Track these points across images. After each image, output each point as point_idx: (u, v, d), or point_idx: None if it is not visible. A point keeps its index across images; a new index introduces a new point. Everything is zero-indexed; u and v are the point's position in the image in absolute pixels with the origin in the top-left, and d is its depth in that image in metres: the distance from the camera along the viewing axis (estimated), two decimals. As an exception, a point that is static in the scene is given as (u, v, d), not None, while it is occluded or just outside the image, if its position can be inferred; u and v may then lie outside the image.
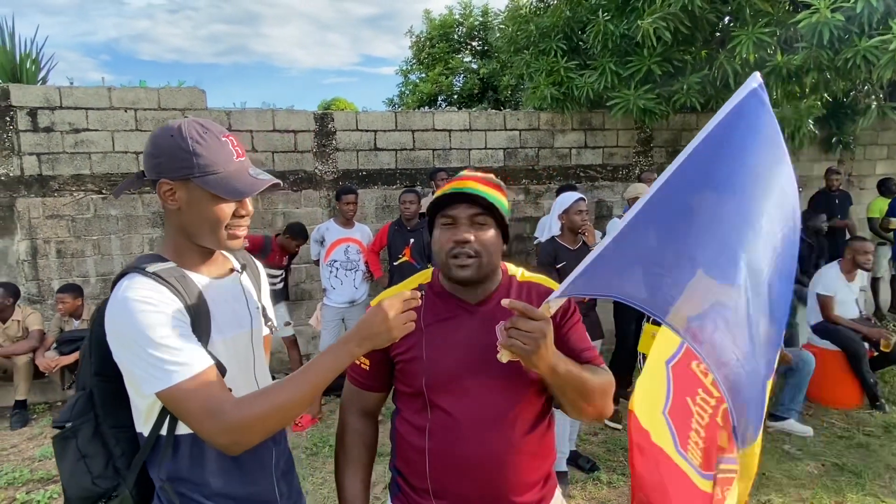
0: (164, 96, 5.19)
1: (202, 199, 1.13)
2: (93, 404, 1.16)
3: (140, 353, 1.03)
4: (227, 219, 1.15)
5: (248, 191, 1.14)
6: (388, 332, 1.14)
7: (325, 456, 3.79)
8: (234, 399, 1.06)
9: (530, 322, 1.10)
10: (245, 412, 1.03)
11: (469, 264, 1.26)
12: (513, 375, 1.26)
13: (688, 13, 4.76)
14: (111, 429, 1.16)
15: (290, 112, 5.55)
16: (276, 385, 1.11)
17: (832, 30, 4.07)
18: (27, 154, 4.89)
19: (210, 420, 1.03)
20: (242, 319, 1.26)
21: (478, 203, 1.27)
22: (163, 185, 1.13)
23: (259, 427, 1.05)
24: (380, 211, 5.77)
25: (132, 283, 1.08)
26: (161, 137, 1.13)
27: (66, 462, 1.16)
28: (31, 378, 4.55)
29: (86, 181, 5.05)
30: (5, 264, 4.94)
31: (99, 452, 1.15)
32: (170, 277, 1.11)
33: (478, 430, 1.25)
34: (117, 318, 1.06)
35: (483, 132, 6.00)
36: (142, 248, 5.25)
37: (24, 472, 3.60)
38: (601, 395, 1.26)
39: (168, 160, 1.11)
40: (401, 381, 1.34)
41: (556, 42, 5.93)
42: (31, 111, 4.88)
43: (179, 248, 1.18)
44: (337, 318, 4.62)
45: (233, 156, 1.15)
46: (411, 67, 14.34)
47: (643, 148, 6.49)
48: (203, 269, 1.21)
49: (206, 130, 1.14)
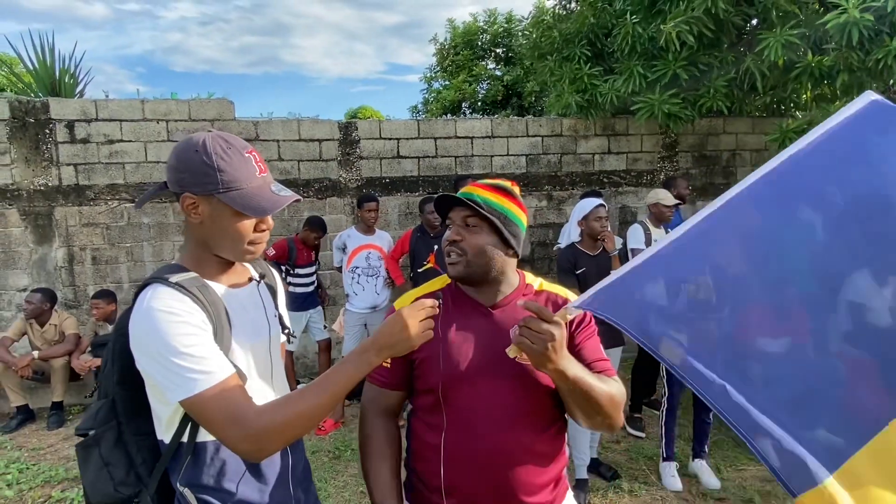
0: (195, 107, 5.35)
1: (224, 214, 1.15)
2: (115, 412, 1.18)
3: (164, 361, 1.05)
4: (248, 233, 1.17)
5: (270, 208, 1.16)
6: (408, 341, 1.14)
7: (348, 459, 3.84)
8: (256, 407, 1.08)
9: (542, 324, 1.13)
10: (267, 420, 1.05)
11: (456, 262, 1.33)
12: (525, 378, 1.30)
13: (711, 16, 4.71)
14: (133, 436, 1.18)
15: (315, 121, 5.66)
16: (297, 393, 1.12)
17: (861, 30, 3.98)
18: (65, 164, 5.09)
19: (232, 427, 1.04)
20: (261, 328, 1.28)
21: (469, 206, 1.32)
22: (186, 198, 1.14)
23: (281, 435, 1.06)
24: (402, 218, 5.83)
25: (156, 294, 1.09)
26: (185, 152, 1.14)
27: (90, 469, 1.18)
28: (68, 380, 4.72)
29: (120, 190, 5.23)
30: (44, 270, 5.14)
31: (121, 460, 1.17)
32: (192, 287, 1.12)
33: (490, 430, 1.28)
34: (142, 328, 1.08)
35: (505, 139, 6.01)
36: (172, 254, 5.40)
37: (60, 471, 3.74)
38: (610, 404, 1.26)
39: (192, 175, 1.13)
40: (417, 379, 1.38)
41: (580, 48, 5.92)
42: (68, 123, 5.08)
43: (200, 259, 1.20)
44: (359, 323, 4.68)
45: (255, 171, 1.17)
46: (435, 75, 14.44)
47: (668, 153, 6.41)
48: (223, 279, 1.23)
49: (229, 146, 1.15)
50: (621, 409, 1.30)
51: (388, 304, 4.81)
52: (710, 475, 3.41)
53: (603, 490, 3.37)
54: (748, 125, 6.57)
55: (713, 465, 3.55)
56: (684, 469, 3.55)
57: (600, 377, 1.29)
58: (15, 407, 4.62)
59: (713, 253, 1.18)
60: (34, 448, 4.16)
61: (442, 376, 1.31)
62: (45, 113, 5.04)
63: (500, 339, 1.31)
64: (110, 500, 1.17)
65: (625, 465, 3.65)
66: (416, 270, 4.52)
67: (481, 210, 1.31)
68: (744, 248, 1.19)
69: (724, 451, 3.81)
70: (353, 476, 3.63)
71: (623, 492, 3.36)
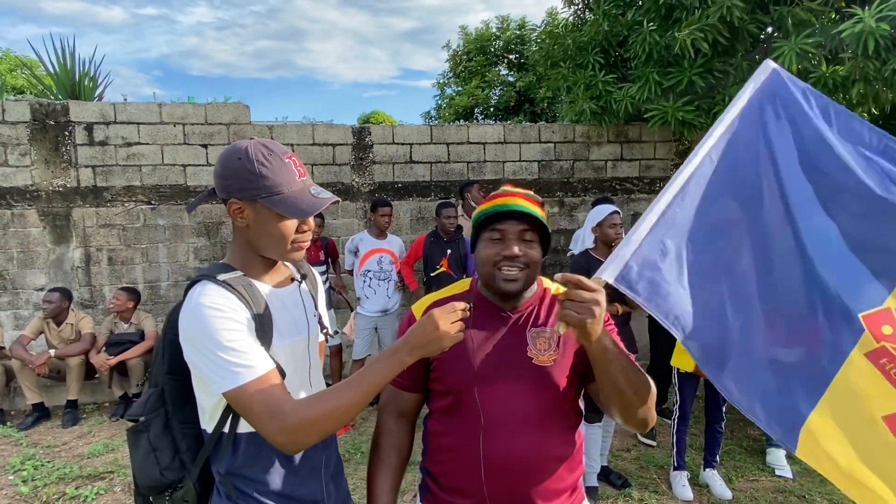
0: (211, 111, 5.42)
1: (268, 218, 1.21)
2: (164, 401, 1.25)
3: (210, 355, 1.11)
4: (291, 235, 1.23)
5: (310, 210, 1.21)
6: (439, 341, 1.16)
7: (358, 462, 3.85)
8: (293, 401, 1.13)
9: (584, 293, 1.12)
10: (302, 414, 1.10)
11: (518, 278, 1.32)
12: (545, 381, 1.31)
13: (726, 24, 4.71)
14: (179, 424, 1.24)
15: (329, 126, 5.71)
16: (331, 390, 1.17)
17: (878, 39, 3.96)
18: (83, 166, 5.18)
19: (271, 420, 1.10)
20: (301, 327, 1.33)
21: (526, 220, 1.33)
22: (232, 204, 1.21)
23: (315, 428, 1.11)
24: (414, 223, 5.86)
25: (204, 290, 1.16)
26: (229, 160, 1.20)
27: (138, 453, 1.24)
28: (83, 379, 4.78)
29: (136, 192, 5.30)
30: (61, 270, 5.22)
31: (168, 446, 1.24)
32: (238, 286, 1.19)
33: (507, 432, 1.29)
34: (190, 322, 1.14)
35: (517, 145, 6.03)
36: (187, 256, 5.47)
37: (74, 469, 3.79)
38: (646, 390, 1.25)
39: (236, 182, 1.19)
40: (435, 380, 1.39)
41: (594, 56, 5.93)
42: (87, 126, 5.16)
43: (246, 259, 1.27)
44: (370, 326, 4.71)
45: (296, 176, 1.22)
46: (448, 81, 14.49)
47: (681, 160, 6.39)
48: (267, 279, 1.29)
49: (270, 153, 1.21)
50: (654, 403, 1.29)
51: (399, 308, 4.85)
52: (722, 485, 3.38)
53: (613, 498, 3.35)
54: (762, 133, 6.53)
55: (724, 475, 3.53)
56: (695, 479, 3.53)
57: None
58: (31, 404, 4.68)
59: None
60: (49, 445, 4.21)
61: (460, 378, 1.33)
62: (64, 115, 5.13)
63: (520, 343, 1.33)
64: (156, 483, 1.23)
65: (635, 474, 3.63)
66: (429, 275, 4.54)
67: (538, 226, 1.34)
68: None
69: (736, 462, 3.78)
70: (363, 479, 3.61)
71: (633, 500, 3.35)
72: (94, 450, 4.07)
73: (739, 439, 4.12)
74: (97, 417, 4.75)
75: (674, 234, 1.28)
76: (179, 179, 5.38)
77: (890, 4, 3.96)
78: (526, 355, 1.32)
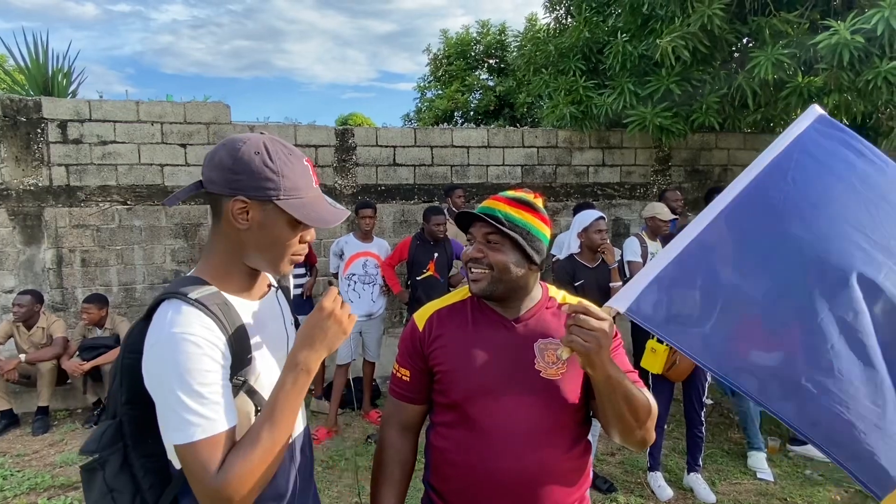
0: (190, 110, 5.31)
1: (279, 223, 1.08)
2: (122, 434, 1.10)
3: (171, 397, 0.98)
4: (294, 244, 1.12)
5: (333, 220, 1.11)
6: (338, 326, 1.09)
7: (342, 469, 3.80)
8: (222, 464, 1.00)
9: (592, 321, 1.11)
10: (223, 478, 0.98)
11: (479, 279, 1.31)
12: (551, 393, 1.27)
13: (707, 32, 4.80)
14: (140, 458, 1.10)
15: (312, 127, 5.65)
16: (247, 437, 1.03)
17: (852, 51, 4.08)
18: (56, 165, 5.02)
19: (197, 484, 0.99)
20: (280, 341, 1.22)
21: (490, 223, 1.30)
22: (237, 202, 1.05)
23: (243, 485, 0.99)
24: (398, 225, 5.82)
25: (178, 317, 1.00)
26: (244, 153, 1.05)
27: (93, 494, 1.11)
28: (54, 385, 4.62)
29: (112, 192, 5.16)
30: (32, 272, 5.05)
31: (127, 486, 1.09)
32: (212, 306, 1.04)
33: (511, 445, 1.25)
34: (158, 355, 1.00)
35: (501, 149, 6.05)
36: (164, 258, 5.34)
37: (46, 478, 3.65)
38: (647, 414, 1.24)
39: (250, 178, 1.05)
40: (438, 392, 1.36)
41: (575, 62, 6.00)
42: (61, 123, 5.01)
43: (226, 268, 1.13)
44: (354, 330, 4.61)
45: (313, 181, 1.12)
46: (428, 84, 14.49)
47: (661, 167, 6.49)
48: (244, 293, 1.16)
49: (290, 152, 1.09)
50: (654, 422, 1.29)
51: (384, 312, 4.80)
52: (706, 489, 3.42)
53: (599, 502, 3.36)
54: (740, 141, 6.68)
55: (707, 479, 3.57)
56: (679, 483, 3.57)
57: (635, 386, 1.28)
58: (-1, 411, 4.51)
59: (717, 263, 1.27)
60: (19, 454, 4.05)
61: (465, 391, 1.29)
62: (37, 112, 4.97)
63: (524, 353, 1.30)
64: None
65: (620, 478, 3.66)
66: (414, 278, 4.51)
67: (503, 227, 1.29)
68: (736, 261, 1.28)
69: (718, 465, 3.83)
70: (347, 486, 3.59)
71: (619, 504, 3.37)
72: (66, 458, 3.93)
73: (721, 442, 4.18)
74: (69, 424, 4.60)
75: (697, 269, 1.24)
76: (157, 179, 5.25)
77: (863, 17, 4.09)
78: (533, 368, 1.29)
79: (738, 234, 1.27)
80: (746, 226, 1.27)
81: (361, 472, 3.72)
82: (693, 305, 1.23)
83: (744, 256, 1.27)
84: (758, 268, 1.25)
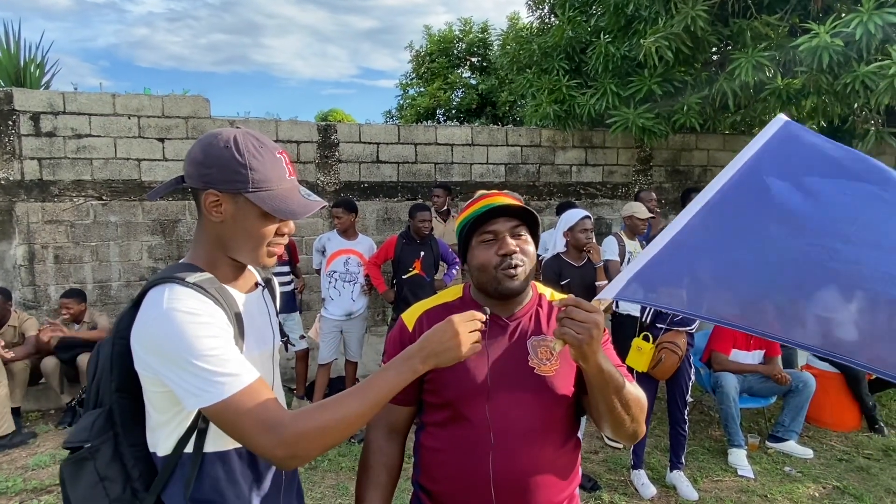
0: (168, 104, 5.19)
1: (250, 215, 1.10)
2: (113, 423, 1.10)
3: (187, 366, 0.98)
4: (270, 236, 1.13)
5: (301, 212, 1.13)
6: (456, 350, 1.09)
7: (325, 470, 3.75)
8: (290, 412, 1.03)
9: (583, 312, 1.10)
10: (303, 425, 1.00)
11: (518, 274, 1.28)
12: (544, 391, 1.27)
13: (690, 34, 4.84)
14: (130, 448, 1.10)
15: (294, 123, 5.56)
16: (335, 398, 1.06)
17: (832, 55, 4.14)
18: (28, 158, 4.86)
19: (267, 433, 0.98)
20: (266, 336, 1.24)
21: (516, 215, 1.29)
22: (209, 195, 1.08)
23: (318, 440, 1.01)
24: (381, 223, 5.77)
25: (174, 294, 1.02)
26: (214, 147, 1.08)
27: (81, 486, 1.08)
28: (27, 385, 4.48)
29: (86, 187, 5.02)
30: (2, 269, 4.89)
31: (118, 474, 1.09)
32: (210, 289, 1.07)
33: (505, 444, 1.24)
34: (159, 331, 1.00)
35: (485, 147, 6.03)
36: (140, 255, 5.21)
37: (18, 482, 3.53)
38: (637, 407, 1.24)
39: (219, 171, 1.07)
40: (429, 392, 1.33)
41: (559, 61, 6.01)
42: (33, 116, 4.86)
43: (213, 259, 1.15)
44: (335, 330, 4.59)
45: (286, 174, 1.13)
46: (410, 81, 14.44)
47: (643, 167, 6.55)
48: (234, 284, 1.17)
49: (262, 145, 1.11)
50: (645, 416, 1.29)
51: (366, 311, 4.74)
52: (688, 486, 3.45)
53: (584, 501, 3.37)
54: (720, 142, 6.77)
55: (689, 476, 3.60)
56: (662, 481, 3.60)
57: (626, 379, 1.28)
58: (-33, 413, 4.35)
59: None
60: (-12, 457, 3.93)
61: (459, 390, 1.27)
62: (7, 104, 4.80)
63: (518, 352, 1.30)
64: None
65: (604, 476, 3.67)
66: (400, 277, 4.46)
67: (528, 221, 1.31)
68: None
69: (700, 462, 3.87)
70: (330, 487, 3.55)
71: (603, 502, 3.38)
72: (39, 461, 3.82)
73: (702, 440, 4.23)
74: (42, 426, 4.46)
75: (683, 256, 1.24)
76: (133, 174, 5.13)
77: (843, 21, 4.16)
78: (527, 365, 1.28)
79: (718, 228, 1.29)
80: (725, 222, 1.29)
81: (345, 473, 3.67)
82: (679, 287, 1.24)
83: (728, 243, 1.28)
84: (743, 245, 1.26)
